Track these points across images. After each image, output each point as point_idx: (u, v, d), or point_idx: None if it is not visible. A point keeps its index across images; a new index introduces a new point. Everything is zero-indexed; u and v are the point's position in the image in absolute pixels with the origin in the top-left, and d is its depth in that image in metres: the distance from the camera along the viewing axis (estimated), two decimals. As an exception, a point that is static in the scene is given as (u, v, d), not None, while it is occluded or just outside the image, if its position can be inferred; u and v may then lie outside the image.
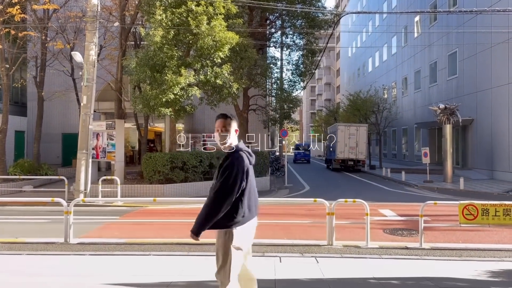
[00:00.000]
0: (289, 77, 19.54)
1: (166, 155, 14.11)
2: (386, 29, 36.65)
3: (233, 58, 14.43)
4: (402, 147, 33.61)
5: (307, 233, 8.31)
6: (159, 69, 13.63)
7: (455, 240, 7.99)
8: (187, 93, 13.45)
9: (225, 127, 3.46)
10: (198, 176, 14.93)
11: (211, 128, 23.56)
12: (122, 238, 7.88)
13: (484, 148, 20.65)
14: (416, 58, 30.43)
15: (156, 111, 13.71)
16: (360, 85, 41.56)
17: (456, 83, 23.82)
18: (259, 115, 21.33)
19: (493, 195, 14.75)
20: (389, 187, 17.41)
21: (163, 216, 10.55)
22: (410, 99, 31.61)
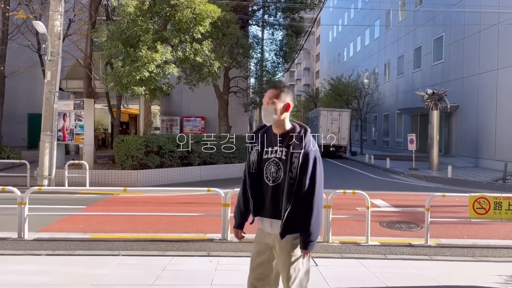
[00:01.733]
0: (272, 58, 18.56)
1: (140, 139, 12.99)
2: (368, 13, 35.89)
3: (214, 34, 13.32)
4: (383, 133, 33.19)
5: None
6: (133, 44, 12.41)
7: (458, 235, 7.30)
8: (163, 71, 12.30)
9: (271, 100, 2.66)
10: (175, 162, 13.87)
11: (189, 111, 22.41)
12: (87, 233, 6.86)
13: (469, 135, 20.25)
14: (399, 43, 29.81)
15: (129, 90, 12.52)
16: (340, 70, 40.87)
17: (441, 69, 23.30)
18: (240, 97, 20.30)
19: (483, 184, 14.27)
20: (375, 175, 16.77)
21: (136, 205, 9.52)
22: (392, 84, 31.08)
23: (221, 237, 6.44)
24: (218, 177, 14.83)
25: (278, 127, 2.71)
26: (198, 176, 14.40)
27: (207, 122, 22.18)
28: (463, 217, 8.50)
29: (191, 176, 14.20)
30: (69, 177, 11.96)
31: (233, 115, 20.56)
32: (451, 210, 9.48)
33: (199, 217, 8.25)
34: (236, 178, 14.95)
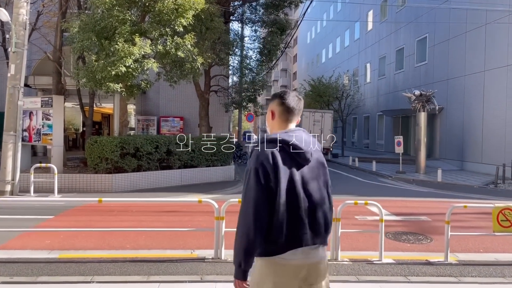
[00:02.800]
0: (256, 56, 17.69)
1: (116, 140, 11.90)
2: (348, 14, 35.55)
3: (197, 27, 12.37)
4: (363, 135, 32.85)
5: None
6: (108, 36, 11.34)
7: (473, 248, 6.63)
8: (142, 66, 11.27)
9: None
10: (153, 165, 12.84)
11: (167, 110, 21.32)
12: (54, 250, 5.85)
13: (455, 138, 19.96)
14: (380, 44, 29.49)
15: (103, 87, 11.42)
16: (319, 72, 40.33)
17: (425, 70, 23.00)
18: (220, 97, 19.36)
19: (474, 188, 13.85)
20: (362, 178, 16.16)
21: (112, 214, 8.49)
22: (373, 86, 30.75)
23: (214, 255, 5.54)
24: (200, 181, 13.89)
25: None
26: (179, 180, 13.42)
27: (186, 123, 21.15)
28: (475, 227, 7.95)
29: (171, 180, 13.21)
30: (35, 182, 10.78)
31: (213, 115, 19.60)
32: (456, 218, 8.83)
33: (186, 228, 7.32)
34: (219, 183, 14.05)
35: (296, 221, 2.11)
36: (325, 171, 2.29)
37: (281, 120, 2.29)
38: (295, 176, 2.12)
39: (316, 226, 2.17)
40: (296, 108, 2.29)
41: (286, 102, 2.26)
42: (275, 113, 2.30)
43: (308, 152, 2.18)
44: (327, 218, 2.22)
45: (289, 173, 2.10)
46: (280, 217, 2.07)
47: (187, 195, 11.55)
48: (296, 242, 2.12)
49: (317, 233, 2.16)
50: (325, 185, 2.27)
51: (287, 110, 2.27)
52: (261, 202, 2.05)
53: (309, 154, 2.18)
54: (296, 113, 2.30)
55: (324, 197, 2.23)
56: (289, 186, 2.10)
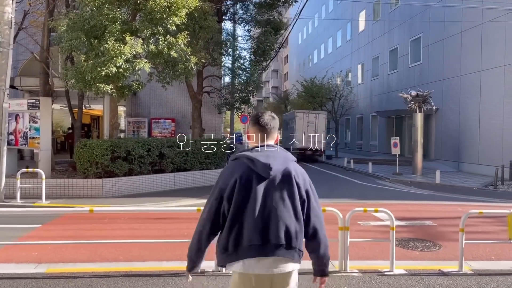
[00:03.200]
0: (250, 56, 17.27)
1: (106, 143, 11.46)
2: (341, 14, 35.35)
3: (190, 26, 11.98)
4: (357, 136, 32.67)
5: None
6: (98, 35, 10.89)
7: (484, 255, 6.32)
8: (133, 67, 10.84)
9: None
10: (145, 168, 12.42)
11: (158, 112, 20.86)
12: (42, 264, 5.44)
13: (450, 139, 19.79)
14: (373, 44, 29.32)
15: (93, 88, 10.98)
16: (311, 73, 40.06)
17: (419, 70, 22.83)
18: (213, 98, 18.96)
19: (473, 190, 13.63)
20: (360, 180, 15.86)
21: (103, 222, 8.04)
22: (366, 86, 30.57)
23: (215, 268, 5.17)
24: (193, 184, 13.48)
25: None
26: (171, 184, 13.00)
27: (178, 124, 20.71)
28: (482, 232, 7.68)
29: (164, 184, 12.79)
30: (22, 187, 10.29)
31: (205, 117, 19.19)
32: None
33: (182, 237, 6.92)
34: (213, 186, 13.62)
35: (247, 230, 2.23)
36: (290, 184, 2.31)
37: (257, 137, 2.46)
38: (253, 188, 2.25)
39: (271, 236, 2.23)
40: (269, 126, 2.44)
41: (260, 122, 2.43)
42: (250, 133, 2.50)
43: (268, 167, 2.26)
44: (288, 230, 2.26)
45: (247, 186, 2.26)
46: (229, 225, 2.25)
47: (181, 200, 11.16)
48: (246, 252, 2.23)
49: (272, 244, 2.23)
50: (291, 197, 2.30)
51: (261, 129, 2.44)
52: (214, 209, 2.31)
53: (269, 169, 2.26)
54: (270, 131, 2.44)
55: (290, 209, 2.28)
56: (243, 197, 2.25)
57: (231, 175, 2.30)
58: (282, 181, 2.30)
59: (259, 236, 2.22)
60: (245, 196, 2.25)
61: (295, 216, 2.30)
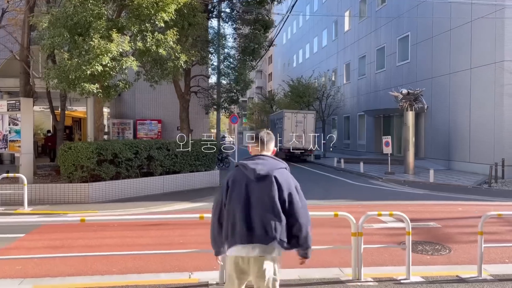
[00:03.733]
0: (238, 56, 16.82)
1: (92, 145, 10.90)
2: (326, 13, 35.20)
3: (180, 23, 11.51)
4: (344, 136, 32.53)
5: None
6: (82, 32, 10.34)
7: (497, 258, 6.05)
8: (120, 65, 10.33)
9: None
10: (133, 172, 11.89)
11: (143, 113, 20.26)
12: (27, 279, 4.94)
13: (441, 137, 19.71)
14: (360, 43, 29.21)
15: (77, 88, 10.41)
16: (296, 72, 39.74)
17: (407, 69, 22.75)
18: (200, 98, 18.49)
19: (468, 189, 13.49)
20: (353, 181, 15.59)
21: (92, 229, 7.51)
22: (353, 86, 30.45)
23: (219, 280, 4.76)
24: (183, 187, 13.02)
25: None
26: (160, 187, 12.51)
27: (164, 126, 20.16)
28: (487, 233, 7.40)
29: (152, 187, 12.29)
30: (3, 194, 9.70)
31: (193, 117, 18.68)
32: (465, 224, 8.31)
33: (178, 245, 6.48)
34: (204, 189, 13.21)
35: (238, 221, 2.83)
36: (272, 186, 2.82)
37: (256, 149, 3.06)
38: (242, 187, 2.86)
39: (253, 228, 2.80)
40: (264, 140, 3.04)
41: (258, 136, 3.06)
42: (251, 145, 3.09)
43: (254, 171, 2.84)
44: (268, 223, 2.79)
45: (238, 185, 2.88)
46: (227, 217, 2.90)
47: (172, 204, 10.70)
48: (236, 239, 2.83)
49: (253, 234, 2.80)
50: (270, 196, 2.81)
51: (258, 143, 3.05)
52: (217, 207, 2.99)
53: (255, 172, 2.83)
54: (265, 144, 3.03)
55: (268, 206, 2.81)
56: (235, 193, 2.87)
57: (230, 176, 2.99)
58: (265, 183, 2.83)
59: (244, 226, 2.80)
60: (236, 192, 2.87)
61: (273, 212, 2.80)
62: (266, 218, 2.79)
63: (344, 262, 5.75)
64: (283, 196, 2.83)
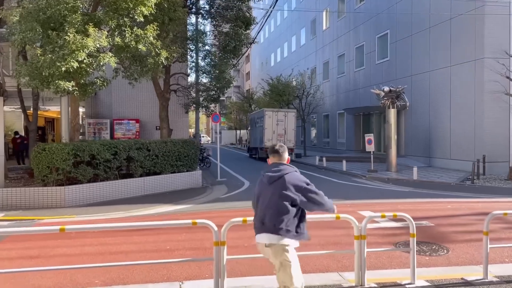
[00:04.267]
0: (219, 54, 16.36)
1: (67, 146, 10.35)
2: (304, 12, 35.09)
3: (160, 18, 11.04)
4: (323, 134, 32.50)
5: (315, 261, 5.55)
6: (56, 26, 9.78)
7: (497, 257, 5.86)
8: (97, 61, 9.81)
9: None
10: (112, 173, 11.39)
11: (120, 112, 19.61)
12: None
13: (421, 134, 19.78)
14: (339, 42, 29.20)
15: (51, 86, 9.85)
16: (274, 71, 39.52)
17: (387, 67, 22.80)
18: (180, 97, 17.99)
19: (452, 186, 13.50)
20: (336, 179, 15.43)
21: (70, 237, 7.00)
22: (332, 84, 30.43)
23: (214, 290, 4.38)
24: (164, 189, 12.57)
25: None
26: (141, 189, 12.03)
27: (143, 125, 19.56)
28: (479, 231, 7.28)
29: (133, 190, 11.80)
30: (-29, 199, 9.05)
31: (172, 116, 18.15)
32: (458, 222, 8.17)
33: (164, 252, 6.08)
34: (187, 190, 12.80)
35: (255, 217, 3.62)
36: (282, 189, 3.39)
37: (273, 158, 3.60)
38: (260, 189, 3.60)
39: (264, 221, 3.45)
40: (279, 151, 3.59)
41: (273, 149, 3.63)
42: (270, 156, 3.62)
43: (269, 177, 3.48)
44: (272, 217, 3.38)
45: (258, 188, 3.64)
46: (254, 212, 3.66)
47: (154, 207, 10.25)
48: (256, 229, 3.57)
49: (263, 225, 3.45)
50: (281, 197, 3.38)
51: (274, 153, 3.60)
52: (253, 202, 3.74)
53: (269, 178, 3.48)
54: (281, 154, 3.58)
55: (272, 204, 3.41)
56: (256, 194, 3.64)
57: (257, 183, 3.70)
58: (276, 187, 3.42)
59: (259, 220, 3.50)
60: (257, 194, 3.63)
61: (281, 208, 3.37)
62: (274, 213, 3.39)
63: (342, 266, 5.49)
64: (293, 196, 3.38)
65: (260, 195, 3.55)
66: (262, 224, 3.45)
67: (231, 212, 9.52)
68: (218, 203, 10.97)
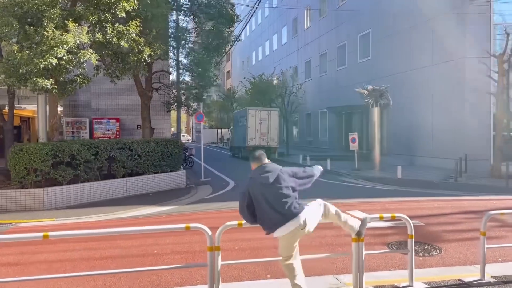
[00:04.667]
0: (202, 51, 16.06)
1: (46, 147, 9.95)
2: (286, 10, 35.05)
3: (142, 13, 10.72)
4: (306, 133, 32.51)
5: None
6: (34, 22, 9.38)
7: (489, 257, 5.80)
8: (78, 58, 9.45)
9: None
10: (93, 174, 11.03)
11: (100, 111, 19.09)
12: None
13: (403, 133, 19.90)
14: (321, 41, 29.22)
15: (29, 83, 9.45)
16: (255, 70, 39.34)
17: (369, 66, 22.88)
18: (162, 95, 17.60)
19: (436, 184, 13.58)
20: (322, 178, 15.20)
21: (50, 240, 6.66)
22: (314, 83, 30.45)
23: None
24: (148, 190, 12.27)
25: None
26: (123, 190, 11.70)
27: (123, 124, 19.08)
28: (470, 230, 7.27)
29: (115, 191, 11.46)
30: None
31: (154, 115, 17.76)
32: (446, 221, 8.15)
33: (152, 256, 5.83)
34: (171, 191, 12.53)
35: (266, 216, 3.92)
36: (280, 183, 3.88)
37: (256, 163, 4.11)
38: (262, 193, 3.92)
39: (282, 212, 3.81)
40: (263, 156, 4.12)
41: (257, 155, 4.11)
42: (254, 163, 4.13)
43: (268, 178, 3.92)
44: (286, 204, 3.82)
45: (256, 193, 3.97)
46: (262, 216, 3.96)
47: (137, 209, 9.96)
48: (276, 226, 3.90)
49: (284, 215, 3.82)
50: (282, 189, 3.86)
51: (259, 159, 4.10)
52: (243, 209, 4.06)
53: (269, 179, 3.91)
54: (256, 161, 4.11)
55: (281, 196, 3.84)
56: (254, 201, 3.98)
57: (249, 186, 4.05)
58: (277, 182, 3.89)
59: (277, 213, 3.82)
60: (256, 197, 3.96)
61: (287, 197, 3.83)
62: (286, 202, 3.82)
63: (336, 268, 5.37)
64: (291, 182, 3.93)
65: (261, 196, 3.87)
66: (282, 215, 3.80)
67: (218, 213, 9.31)
68: (204, 203, 10.75)
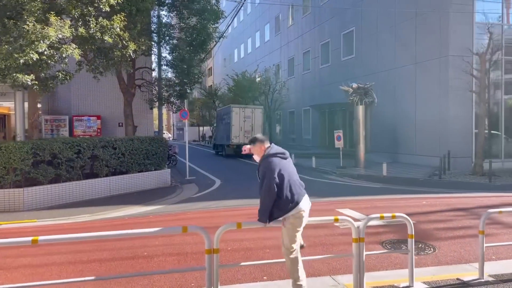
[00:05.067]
0: (187, 48, 15.74)
1: (26, 145, 9.58)
2: (269, 7, 34.91)
3: (127, 7, 10.41)
4: (289, 131, 32.48)
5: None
6: (13, 15, 9.00)
7: (486, 255, 5.82)
8: (60, 53, 9.10)
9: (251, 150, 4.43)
10: (75, 173, 10.69)
11: (80, 108, 18.60)
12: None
13: (386, 130, 20.03)
14: (304, 38, 29.20)
15: (8, 79, 9.08)
16: (237, 67, 39.11)
17: (352, 64, 22.96)
18: (144, 92, 17.25)
19: (420, 181, 13.67)
20: (308, 176, 15.26)
21: (34, 245, 6.36)
22: (297, 80, 30.42)
23: None
24: (132, 189, 11.98)
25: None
26: (107, 190, 11.39)
27: (104, 122, 18.64)
28: (462, 227, 7.28)
29: (98, 190, 11.14)
30: None
31: (136, 113, 17.39)
32: (437, 218, 8.16)
33: (142, 259, 5.62)
34: (156, 190, 12.27)
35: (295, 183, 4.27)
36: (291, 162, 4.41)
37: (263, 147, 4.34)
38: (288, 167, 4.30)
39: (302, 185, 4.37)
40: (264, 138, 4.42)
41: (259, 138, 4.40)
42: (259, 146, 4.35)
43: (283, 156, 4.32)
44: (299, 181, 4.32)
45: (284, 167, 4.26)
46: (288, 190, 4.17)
47: (122, 209, 9.69)
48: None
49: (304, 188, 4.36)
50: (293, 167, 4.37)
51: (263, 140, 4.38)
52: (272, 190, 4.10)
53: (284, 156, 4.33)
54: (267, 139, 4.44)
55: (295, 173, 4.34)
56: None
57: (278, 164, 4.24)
58: (290, 160, 4.43)
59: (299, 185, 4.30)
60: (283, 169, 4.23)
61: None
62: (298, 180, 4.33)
63: (332, 268, 5.27)
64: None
65: (292, 169, 4.31)
66: (303, 188, 4.27)
67: (208, 212, 9.13)
68: (191, 203, 10.54)
